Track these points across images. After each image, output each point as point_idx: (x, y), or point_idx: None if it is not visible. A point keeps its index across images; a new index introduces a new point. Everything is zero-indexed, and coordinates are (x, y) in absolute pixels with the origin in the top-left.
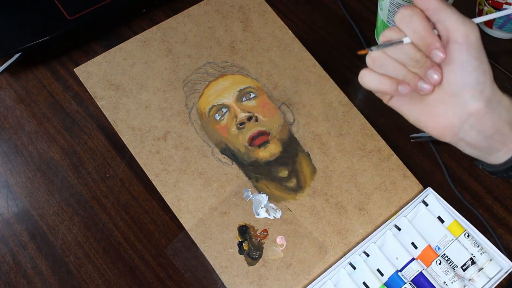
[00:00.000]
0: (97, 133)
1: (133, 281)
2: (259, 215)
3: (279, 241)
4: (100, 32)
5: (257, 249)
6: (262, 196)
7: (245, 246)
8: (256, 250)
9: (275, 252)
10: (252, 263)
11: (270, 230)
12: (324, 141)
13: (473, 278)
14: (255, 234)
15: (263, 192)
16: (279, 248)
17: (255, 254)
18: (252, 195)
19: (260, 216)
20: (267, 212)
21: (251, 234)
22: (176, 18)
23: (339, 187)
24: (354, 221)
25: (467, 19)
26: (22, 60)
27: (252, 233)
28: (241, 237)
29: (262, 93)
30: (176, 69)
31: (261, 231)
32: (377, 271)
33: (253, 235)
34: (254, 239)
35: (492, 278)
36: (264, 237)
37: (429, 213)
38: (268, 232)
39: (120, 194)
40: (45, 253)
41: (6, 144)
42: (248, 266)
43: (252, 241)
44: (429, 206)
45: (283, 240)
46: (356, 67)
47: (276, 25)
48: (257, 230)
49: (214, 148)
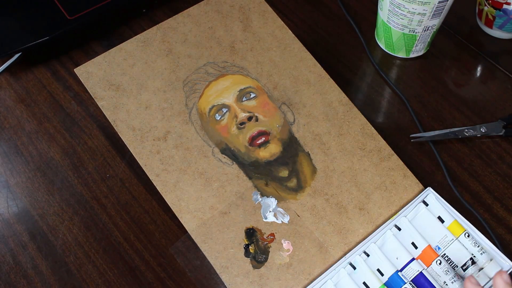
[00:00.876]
0: (97, 133)
1: (133, 281)
2: (267, 219)
3: (286, 246)
4: (100, 32)
5: (263, 252)
6: (270, 200)
7: (251, 249)
8: (262, 254)
9: (281, 256)
10: (257, 266)
11: (276, 235)
12: (324, 141)
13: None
14: (262, 238)
15: (272, 196)
16: (285, 253)
17: (260, 258)
18: (261, 198)
19: (268, 220)
20: (275, 216)
21: (258, 238)
22: (176, 18)
23: (340, 187)
24: (354, 221)
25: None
26: (22, 60)
27: (259, 236)
28: (248, 240)
29: (262, 93)
30: (176, 69)
31: (268, 235)
32: (377, 271)
33: (260, 238)
34: (261, 243)
35: (492, 278)
36: (271, 241)
37: (429, 213)
38: (275, 236)
39: (120, 194)
40: (45, 253)
41: (6, 144)
42: (253, 269)
43: (258, 245)
44: (429, 206)
45: (290, 245)
46: (356, 67)
47: (276, 25)
48: (264, 234)
49: (214, 148)
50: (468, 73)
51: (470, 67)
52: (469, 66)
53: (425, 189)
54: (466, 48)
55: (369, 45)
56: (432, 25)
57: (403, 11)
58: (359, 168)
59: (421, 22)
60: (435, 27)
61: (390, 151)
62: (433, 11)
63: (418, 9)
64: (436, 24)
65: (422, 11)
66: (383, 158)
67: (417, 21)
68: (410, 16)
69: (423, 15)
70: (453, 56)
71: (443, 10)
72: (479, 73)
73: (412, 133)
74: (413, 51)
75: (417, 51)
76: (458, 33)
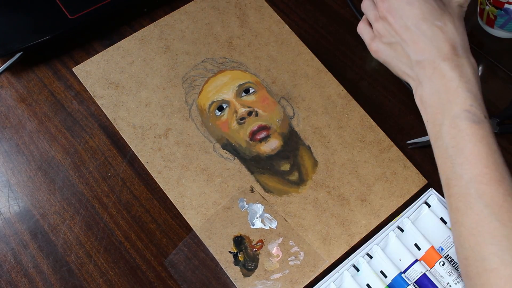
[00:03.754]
0: (98, 133)
1: (134, 280)
2: (255, 226)
3: (275, 252)
4: (101, 31)
5: (253, 260)
6: (257, 206)
7: (241, 257)
8: (252, 261)
9: (271, 263)
10: (248, 274)
11: (265, 241)
12: (324, 134)
13: None
14: (251, 245)
15: (258, 202)
16: (274, 259)
17: (250, 265)
18: (247, 205)
19: (256, 226)
20: (262, 222)
21: (247, 245)
22: (173, 15)
23: (341, 179)
24: (356, 212)
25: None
26: (23, 60)
27: (247, 243)
28: (236, 248)
29: (261, 88)
30: (174, 66)
31: (256, 242)
32: (380, 273)
33: (249, 245)
34: (250, 250)
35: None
36: (259, 247)
37: (432, 214)
38: (263, 242)
39: (121, 193)
40: (46, 252)
41: (8, 143)
42: (243, 278)
43: (247, 252)
44: (431, 207)
45: (279, 250)
46: (357, 67)
47: (272, 20)
48: (253, 241)
49: (215, 144)
50: None
51: None
52: None
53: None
54: None
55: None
56: None
57: None
58: (359, 160)
59: None
60: None
61: (389, 142)
62: None
63: None
64: None
65: None
66: (383, 150)
67: None
68: None
69: None
70: None
71: None
72: (480, 73)
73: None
74: None
75: None
76: None
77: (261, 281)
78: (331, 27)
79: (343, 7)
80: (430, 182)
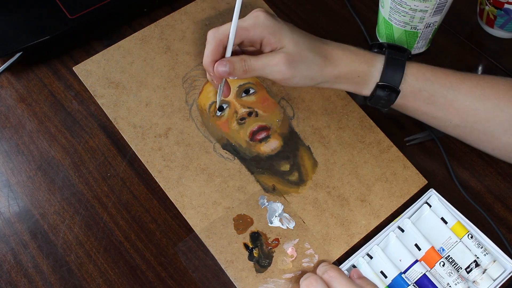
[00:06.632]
0: (98, 132)
1: (134, 280)
2: (273, 224)
3: (290, 252)
4: (101, 31)
5: (267, 257)
6: (277, 205)
7: (255, 253)
8: (266, 258)
9: (285, 262)
10: (261, 271)
11: (281, 240)
12: (324, 134)
13: (476, 280)
14: (266, 242)
15: (278, 201)
16: (289, 259)
17: (264, 262)
18: (267, 203)
19: (274, 224)
20: (280, 221)
21: (263, 242)
22: (173, 16)
23: (341, 180)
24: (356, 212)
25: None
26: (23, 60)
27: (263, 240)
28: (252, 243)
29: (261, 88)
30: (175, 66)
31: (272, 240)
32: (380, 273)
33: (265, 242)
34: (265, 247)
35: (495, 279)
36: (275, 246)
37: (433, 214)
38: (279, 241)
39: (121, 193)
40: (46, 252)
41: (7, 143)
42: (256, 273)
43: (262, 249)
44: (432, 207)
45: (294, 251)
46: None
47: None
48: (269, 239)
49: (215, 144)
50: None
51: (471, 66)
52: (470, 65)
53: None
54: (467, 48)
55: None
56: (434, 21)
57: (404, 8)
58: (359, 160)
59: (423, 19)
60: (436, 23)
61: (389, 143)
62: (435, 7)
63: (420, 6)
64: (438, 21)
65: (424, 8)
66: (383, 150)
67: (418, 18)
68: (412, 13)
69: (425, 12)
70: (454, 55)
71: (445, 6)
72: (480, 72)
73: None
74: (415, 48)
75: (418, 48)
76: (459, 33)
77: (273, 279)
78: (331, 27)
79: (343, 7)
80: (430, 182)
